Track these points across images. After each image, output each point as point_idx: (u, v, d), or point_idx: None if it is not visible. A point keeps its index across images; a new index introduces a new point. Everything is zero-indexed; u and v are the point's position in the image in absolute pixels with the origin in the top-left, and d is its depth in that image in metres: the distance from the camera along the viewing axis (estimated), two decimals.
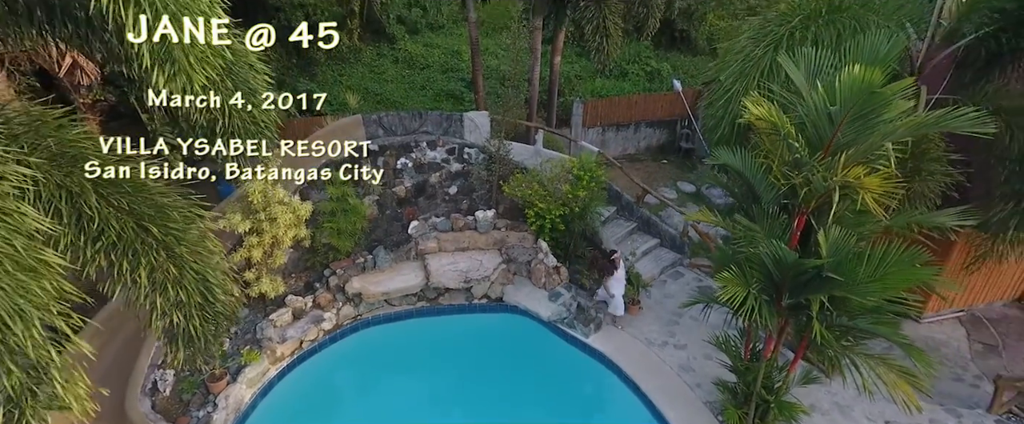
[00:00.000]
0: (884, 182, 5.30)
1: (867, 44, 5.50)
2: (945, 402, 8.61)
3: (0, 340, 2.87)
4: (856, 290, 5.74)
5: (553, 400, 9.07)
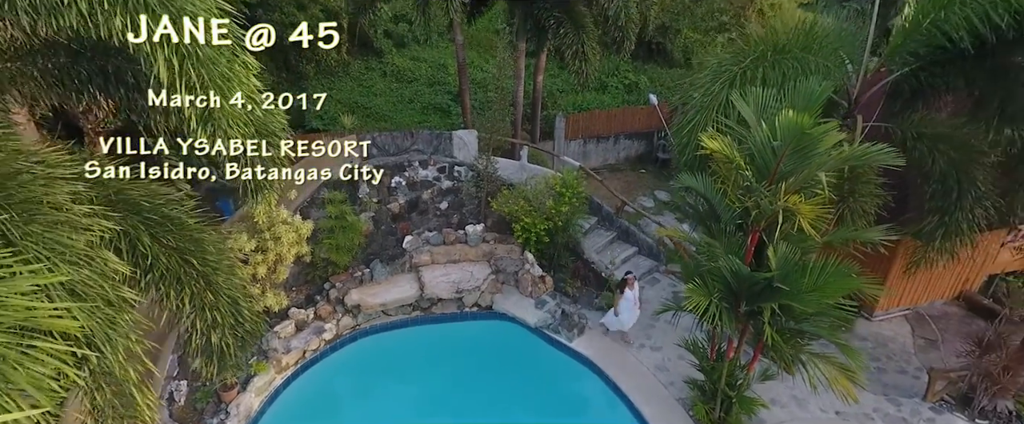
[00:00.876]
0: (816, 207, 6.24)
1: (802, 89, 6.43)
2: (889, 393, 9.65)
3: (97, 365, 3.58)
4: (800, 299, 6.67)
5: (540, 400, 9.92)
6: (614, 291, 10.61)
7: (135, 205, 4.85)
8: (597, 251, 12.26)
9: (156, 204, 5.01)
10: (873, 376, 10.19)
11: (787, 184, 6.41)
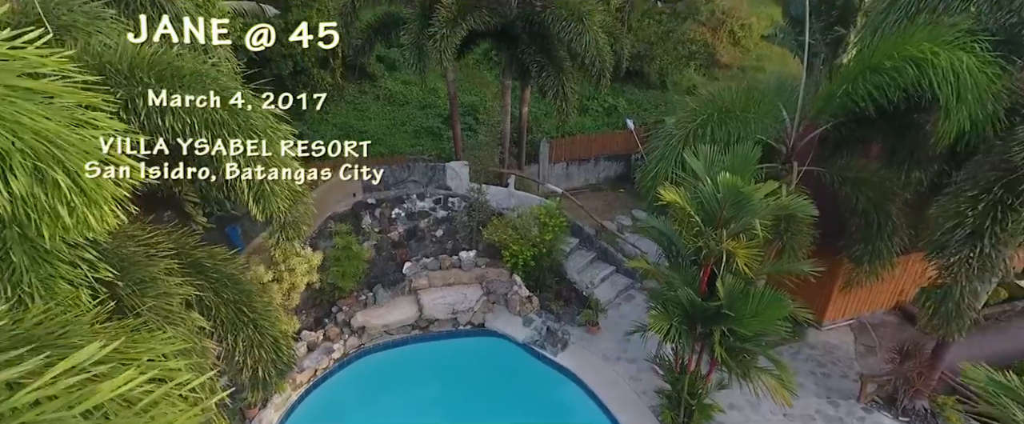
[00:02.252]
0: (751, 249, 7.63)
1: (740, 152, 7.83)
2: (831, 395, 11.13)
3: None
4: (743, 323, 8.06)
5: (528, 409, 11.24)
6: (595, 309, 11.97)
7: (201, 266, 6.04)
8: (578, 271, 13.61)
9: (216, 264, 6.21)
10: (818, 380, 11.69)
11: (728, 229, 7.79)
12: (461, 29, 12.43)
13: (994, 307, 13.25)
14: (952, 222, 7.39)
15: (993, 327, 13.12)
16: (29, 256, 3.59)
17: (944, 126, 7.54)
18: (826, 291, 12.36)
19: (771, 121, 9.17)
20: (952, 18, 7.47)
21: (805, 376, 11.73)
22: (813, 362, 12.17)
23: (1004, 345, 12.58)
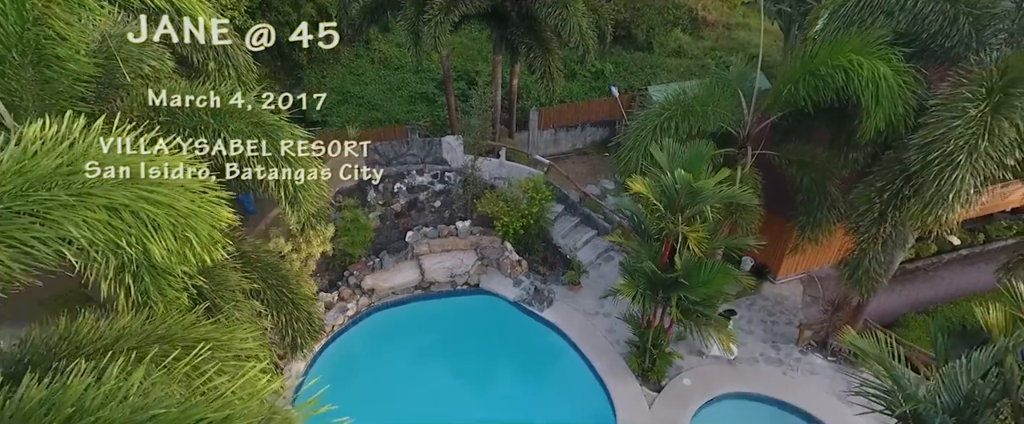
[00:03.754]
0: (701, 231, 9.16)
1: (695, 149, 9.20)
2: (776, 340, 13.06)
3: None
4: (694, 290, 9.74)
5: (517, 357, 13.16)
6: (577, 270, 13.64)
7: (249, 259, 7.49)
8: (563, 236, 15.19)
9: (260, 256, 7.66)
10: (767, 327, 13.60)
11: (684, 214, 9.29)
12: (454, 15, 13.30)
13: (924, 260, 15.09)
14: (865, 207, 8.91)
15: (922, 277, 15.02)
16: (153, 277, 5.01)
17: (866, 123, 8.90)
18: (780, 251, 14.08)
19: (729, 113, 10.45)
20: (877, 32, 8.63)
21: (756, 324, 13.65)
22: (764, 311, 14.05)
23: (928, 292, 14.53)
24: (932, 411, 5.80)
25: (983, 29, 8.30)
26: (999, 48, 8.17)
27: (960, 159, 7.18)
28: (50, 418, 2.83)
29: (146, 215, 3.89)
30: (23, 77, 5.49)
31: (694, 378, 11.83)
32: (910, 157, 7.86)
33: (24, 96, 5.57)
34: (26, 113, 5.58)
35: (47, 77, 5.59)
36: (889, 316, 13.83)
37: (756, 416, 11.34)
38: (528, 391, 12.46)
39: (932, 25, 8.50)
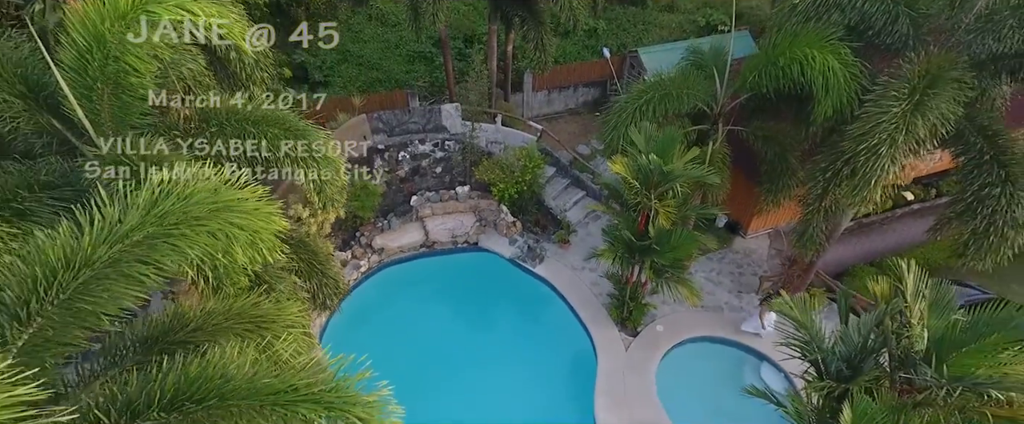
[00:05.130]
0: (671, 206, 10.58)
1: (667, 133, 10.44)
2: (740, 290, 14.82)
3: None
4: (665, 255, 11.29)
5: (512, 307, 14.96)
6: (566, 229, 15.17)
7: (283, 236, 8.93)
8: (554, 197, 16.61)
9: (291, 233, 9.10)
10: (734, 278, 15.34)
11: (656, 191, 10.68)
12: None
13: (880, 215, 16.62)
14: (811, 183, 10.31)
15: (876, 229, 16.63)
16: (226, 269, 6.45)
17: (817, 110, 10.12)
18: (750, 210, 15.57)
19: (703, 93, 11.58)
20: (829, 28, 9.67)
21: (725, 275, 15.38)
22: (733, 264, 15.75)
23: (880, 244, 16.19)
24: (832, 358, 7.50)
25: (920, 28, 9.34)
26: (931, 46, 9.25)
27: (882, 150, 8.50)
28: (203, 386, 4.35)
29: (232, 235, 5.27)
30: (104, 102, 6.70)
31: (666, 325, 13.66)
32: (846, 145, 9.16)
33: (103, 116, 6.81)
34: (103, 128, 6.85)
35: (123, 101, 6.79)
36: (842, 266, 15.56)
37: (715, 356, 13.27)
38: (522, 336, 14.31)
39: (877, 22, 9.52)
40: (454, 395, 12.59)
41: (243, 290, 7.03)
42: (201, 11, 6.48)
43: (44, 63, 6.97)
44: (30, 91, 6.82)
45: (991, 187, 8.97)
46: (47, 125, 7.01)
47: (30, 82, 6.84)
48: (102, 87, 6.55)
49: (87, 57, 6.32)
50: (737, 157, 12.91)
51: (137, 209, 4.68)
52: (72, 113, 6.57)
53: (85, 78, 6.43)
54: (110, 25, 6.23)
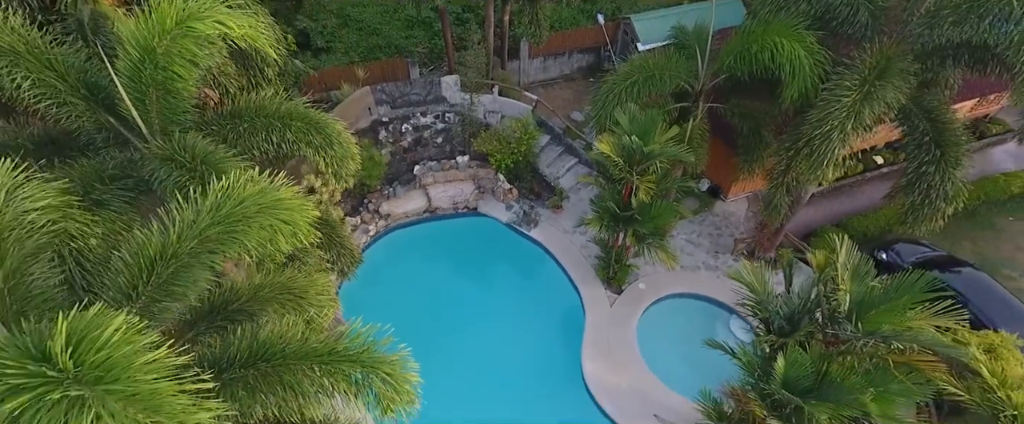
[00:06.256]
0: (651, 181, 11.78)
1: (648, 116, 11.49)
2: (718, 250, 16.22)
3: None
4: (645, 224, 12.59)
5: (509, 267, 16.40)
6: (559, 196, 16.41)
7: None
8: (548, 165, 17.74)
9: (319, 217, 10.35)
10: (713, 240, 16.71)
11: (638, 168, 11.84)
12: None
13: (851, 178, 17.80)
14: (775, 160, 11.46)
15: (846, 192, 17.86)
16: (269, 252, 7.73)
17: (785, 93, 11.14)
18: (730, 176, 16.75)
19: (685, 74, 12.51)
20: (798, 20, 10.55)
21: (705, 237, 16.76)
22: (713, 226, 17.09)
23: (848, 205, 17.47)
24: (776, 316, 8.93)
25: (878, 19, 10.21)
26: (888, 36, 10.16)
27: (834, 136, 9.61)
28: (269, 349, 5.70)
29: (277, 227, 6.50)
30: (153, 104, 7.79)
31: (648, 283, 15.15)
32: (805, 129, 10.26)
33: (153, 116, 7.91)
34: (152, 126, 7.97)
35: (169, 103, 7.87)
36: (812, 227, 16.89)
37: (691, 310, 14.82)
38: (517, 294, 15.82)
39: (841, 13, 10.39)
40: (457, 347, 14.20)
41: (279, 265, 8.36)
42: (234, 24, 7.51)
43: (99, 66, 8.01)
44: (90, 93, 7.85)
45: (928, 165, 10.14)
46: (105, 122, 8.09)
47: (90, 85, 7.85)
48: (152, 92, 7.63)
49: (140, 67, 7.37)
50: (719, 127, 13.98)
51: (207, 211, 5.90)
52: (126, 112, 7.65)
53: (139, 85, 7.51)
54: (158, 40, 7.25)
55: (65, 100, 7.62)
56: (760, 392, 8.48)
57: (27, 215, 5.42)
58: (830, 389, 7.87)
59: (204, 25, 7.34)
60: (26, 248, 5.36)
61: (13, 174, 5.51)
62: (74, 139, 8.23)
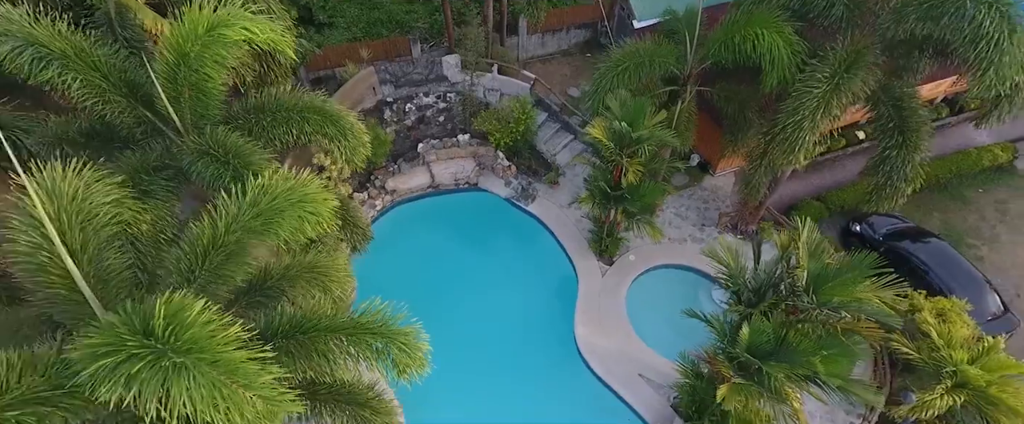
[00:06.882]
0: (637, 163, 12.71)
1: (637, 104, 12.32)
2: (705, 224, 17.28)
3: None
4: (634, 203, 13.59)
5: (508, 239, 17.50)
6: (556, 171, 17.36)
7: None
8: (545, 142, 18.59)
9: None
10: (700, 213, 17.74)
11: (627, 151, 12.75)
12: None
13: (833, 153, 18.68)
14: (754, 144, 12.36)
15: (828, 166, 18.78)
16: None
17: (765, 80, 11.94)
18: (718, 152, 17.64)
19: (673, 60, 13.26)
20: (778, 12, 11.26)
21: (692, 210, 17.78)
22: (701, 200, 18.09)
23: (829, 179, 18.41)
24: (745, 289, 10.05)
25: (853, 12, 10.92)
26: (860, 29, 10.90)
27: (805, 125, 10.49)
28: (305, 322, 6.79)
29: (306, 217, 7.49)
30: (186, 102, 8.66)
31: (637, 255, 16.27)
32: (780, 117, 11.13)
33: (185, 111, 8.80)
34: (186, 120, 8.87)
35: (201, 101, 8.74)
36: (792, 200, 17.87)
37: (676, 280, 16.00)
38: (516, 264, 16.96)
39: (817, 7, 11.10)
40: (459, 313, 15.41)
41: (303, 247, 9.40)
42: (258, 30, 8.34)
43: (137, 64, 8.85)
44: (130, 90, 8.71)
45: (891, 149, 11.06)
46: (143, 117, 8.98)
47: (130, 83, 8.70)
48: (186, 90, 8.51)
49: (175, 69, 8.24)
50: (708, 105, 14.79)
51: (248, 206, 6.90)
52: (163, 109, 8.54)
53: (174, 84, 8.39)
54: (191, 45, 8.08)
55: (109, 98, 8.51)
56: (728, 355, 9.68)
57: (100, 208, 6.41)
58: (787, 352, 9.06)
59: (232, 31, 8.17)
60: (101, 237, 6.37)
61: (86, 172, 6.47)
62: (116, 131, 9.14)
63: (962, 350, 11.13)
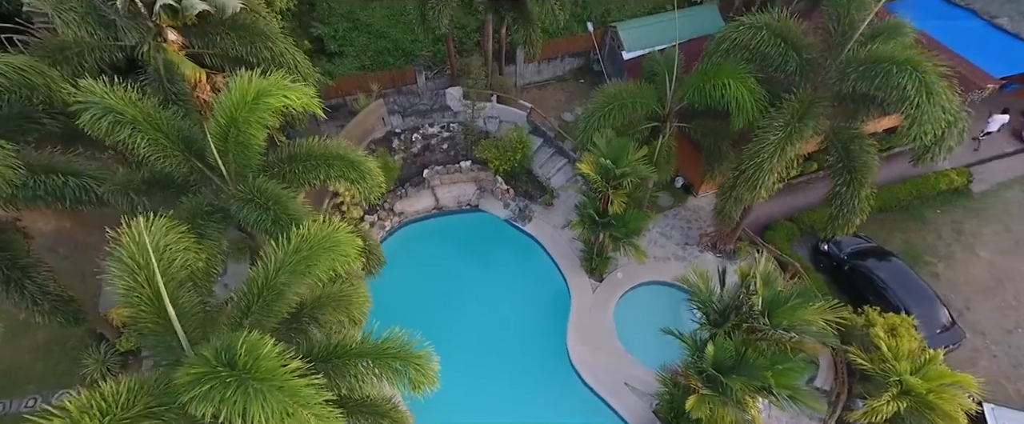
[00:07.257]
0: (622, 195, 14.27)
1: (620, 142, 13.87)
2: (688, 243, 18.82)
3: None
4: (619, 229, 15.14)
5: (506, 257, 19.04)
6: (550, 194, 18.93)
7: None
8: (540, 166, 20.15)
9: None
10: (682, 232, 19.29)
11: (612, 183, 14.31)
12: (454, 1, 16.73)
13: (806, 176, 20.21)
14: (723, 178, 13.92)
15: (802, 188, 20.32)
16: None
17: (734, 121, 13.50)
18: (700, 175, 19.19)
19: (654, 101, 14.83)
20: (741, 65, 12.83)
21: (676, 230, 19.32)
22: (684, 220, 19.64)
23: (802, 201, 19.95)
24: (712, 308, 11.61)
25: (805, 67, 12.50)
26: (812, 82, 12.48)
27: (764, 166, 12.06)
28: (337, 348, 8.32)
29: (338, 259, 9.02)
30: (233, 155, 10.19)
31: (625, 273, 17.81)
32: (744, 157, 12.70)
33: (231, 165, 10.33)
34: (230, 170, 10.40)
35: (245, 155, 10.27)
36: (768, 220, 19.41)
37: (660, 296, 17.52)
38: (513, 280, 18.47)
39: (775, 61, 12.67)
40: (460, 324, 16.92)
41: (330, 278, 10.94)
42: (295, 97, 9.90)
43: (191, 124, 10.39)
44: (186, 146, 10.24)
45: (842, 186, 12.64)
46: (195, 167, 10.51)
47: (185, 139, 10.23)
48: (233, 146, 10.05)
49: (226, 130, 9.76)
50: (691, 135, 16.36)
51: (292, 252, 8.43)
52: (213, 161, 10.06)
53: (224, 143, 9.91)
54: (240, 111, 9.62)
55: (169, 153, 10.04)
56: (697, 369, 11.22)
57: (177, 254, 7.94)
58: (746, 367, 10.61)
59: (274, 99, 9.74)
60: (177, 280, 7.90)
61: (168, 227, 8.00)
62: (172, 180, 10.68)
63: (907, 361, 12.69)
